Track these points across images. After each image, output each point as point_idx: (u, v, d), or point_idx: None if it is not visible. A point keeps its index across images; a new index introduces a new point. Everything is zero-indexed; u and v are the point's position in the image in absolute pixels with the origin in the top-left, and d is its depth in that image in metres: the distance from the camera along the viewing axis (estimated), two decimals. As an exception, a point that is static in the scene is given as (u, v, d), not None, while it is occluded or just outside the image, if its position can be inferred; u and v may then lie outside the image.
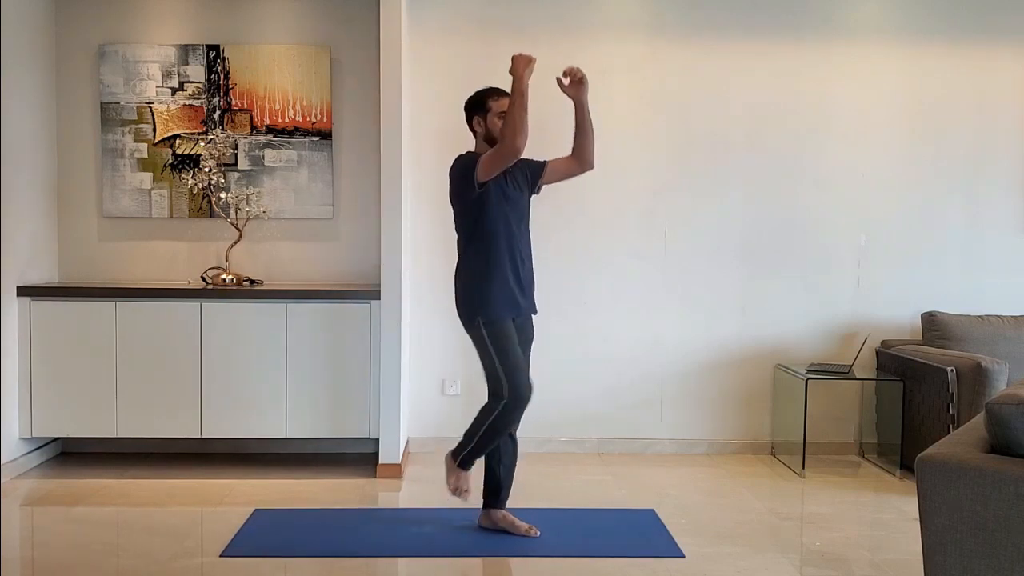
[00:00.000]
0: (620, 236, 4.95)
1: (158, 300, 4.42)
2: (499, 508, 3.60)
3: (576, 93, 3.50)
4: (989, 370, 4.18)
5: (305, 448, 4.82)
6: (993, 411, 2.25)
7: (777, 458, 4.89)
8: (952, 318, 4.75)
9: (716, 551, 3.43)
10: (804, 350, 5.00)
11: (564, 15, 4.87)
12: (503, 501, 3.61)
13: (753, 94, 4.93)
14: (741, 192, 4.95)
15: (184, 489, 4.18)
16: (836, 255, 4.99)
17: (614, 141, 4.83)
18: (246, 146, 4.81)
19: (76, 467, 4.53)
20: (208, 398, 4.41)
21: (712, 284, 4.97)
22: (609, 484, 4.37)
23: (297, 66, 4.79)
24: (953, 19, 4.94)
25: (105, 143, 4.78)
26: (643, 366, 4.96)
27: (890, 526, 3.82)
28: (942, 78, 4.97)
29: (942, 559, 2.21)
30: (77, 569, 3.19)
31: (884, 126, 4.98)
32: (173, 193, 4.80)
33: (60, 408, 4.40)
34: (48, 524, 3.71)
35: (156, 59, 4.77)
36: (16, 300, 4.37)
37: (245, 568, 3.22)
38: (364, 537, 3.55)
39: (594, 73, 4.82)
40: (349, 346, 4.43)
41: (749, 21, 4.90)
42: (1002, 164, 5.01)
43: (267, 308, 4.43)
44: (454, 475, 3.57)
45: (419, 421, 4.92)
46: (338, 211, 4.88)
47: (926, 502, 2.24)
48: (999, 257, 5.03)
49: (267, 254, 4.87)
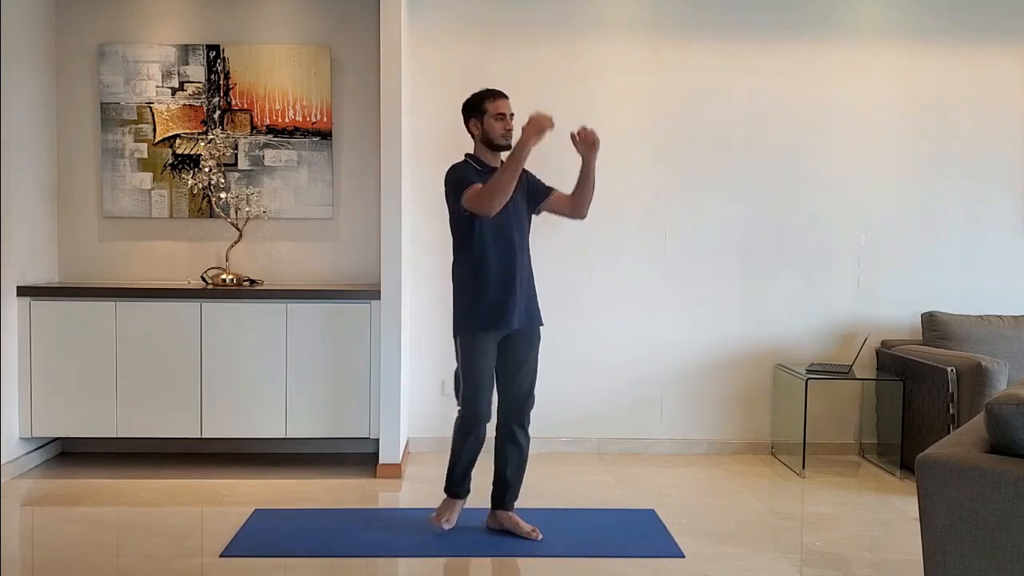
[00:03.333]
0: (620, 236, 4.94)
1: (158, 300, 4.42)
2: (505, 509, 3.59)
3: (586, 153, 3.44)
4: (989, 370, 4.18)
5: (305, 448, 4.82)
6: (993, 411, 2.25)
7: (777, 458, 4.89)
8: (952, 318, 4.75)
9: (716, 551, 3.43)
10: (804, 350, 5.00)
11: (564, 15, 4.87)
12: (509, 503, 3.60)
13: (753, 94, 4.93)
14: (741, 192, 4.95)
15: (184, 489, 4.18)
16: (836, 255, 5.00)
17: (614, 141, 4.83)
18: (246, 146, 4.81)
19: (76, 467, 4.53)
20: (208, 398, 4.41)
21: (712, 284, 4.97)
22: (609, 484, 4.37)
23: (297, 66, 4.79)
24: (953, 19, 4.94)
25: (105, 143, 4.78)
26: (643, 366, 4.96)
27: (890, 526, 3.82)
28: (942, 78, 4.97)
29: (942, 559, 2.21)
30: (77, 569, 3.19)
31: (884, 126, 4.98)
32: (173, 193, 4.80)
33: (60, 408, 4.40)
34: (48, 524, 3.71)
35: (156, 59, 4.77)
36: (16, 300, 4.37)
37: (245, 568, 3.22)
38: (364, 537, 3.55)
39: (594, 73, 4.88)
40: (349, 346, 4.43)
41: (749, 21, 4.90)
42: (1002, 164, 5.01)
43: (267, 308, 4.43)
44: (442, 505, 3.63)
45: (419, 421, 4.92)
46: (338, 211, 4.88)
47: (926, 502, 2.24)
48: (999, 257, 5.03)
49: (267, 254, 4.87)
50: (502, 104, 3.46)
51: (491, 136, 3.45)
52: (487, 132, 3.46)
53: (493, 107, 3.45)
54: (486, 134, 3.46)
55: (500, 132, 3.45)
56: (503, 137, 3.45)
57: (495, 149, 3.49)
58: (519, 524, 3.54)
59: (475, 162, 3.50)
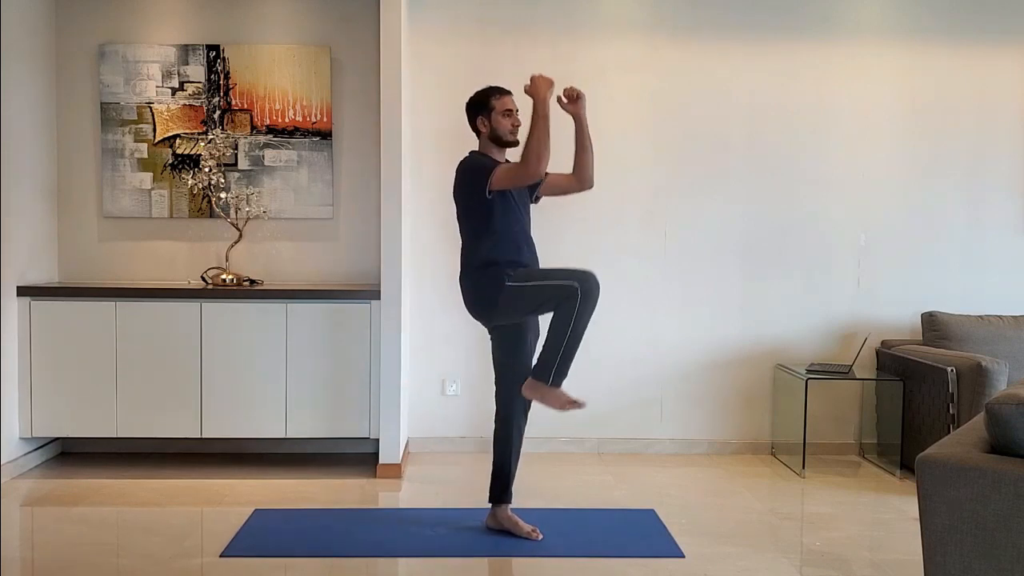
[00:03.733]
0: (620, 236, 4.94)
1: (158, 300, 4.42)
2: (509, 503, 3.57)
3: (575, 110, 3.49)
4: (989, 370, 4.18)
5: (305, 448, 4.82)
6: (993, 411, 2.25)
7: (777, 458, 4.89)
8: (952, 318, 4.75)
9: (716, 551, 3.43)
10: (804, 350, 5.00)
11: (564, 15, 4.87)
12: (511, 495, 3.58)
13: (753, 94, 4.93)
14: (741, 192, 4.95)
15: (184, 489, 4.18)
16: (836, 255, 4.99)
17: (614, 141, 4.83)
18: (246, 146, 4.81)
19: (76, 467, 4.53)
20: (208, 398, 4.41)
21: (712, 284, 4.97)
22: (609, 484, 4.37)
23: (297, 66, 4.79)
24: (953, 19, 4.94)
25: (105, 143, 4.78)
26: (643, 366, 4.96)
27: (890, 526, 3.82)
28: (942, 78, 4.97)
29: (942, 559, 2.21)
30: (77, 569, 3.19)
31: (884, 126, 4.98)
32: (173, 193, 4.80)
33: (60, 408, 4.40)
34: (48, 524, 3.71)
35: (156, 59, 4.77)
36: (16, 300, 4.37)
37: (245, 568, 3.22)
38: (364, 537, 3.55)
39: (594, 73, 4.87)
40: (349, 346, 4.43)
41: (749, 21, 4.90)
42: (1002, 164, 5.01)
43: (267, 308, 4.42)
44: (553, 395, 3.36)
45: (419, 421, 4.92)
46: (338, 211, 4.88)
47: (926, 502, 2.24)
48: (999, 257, 5.03)
49: (267, 254, 4.87)
50: (508, 100, 3.47)
51: (499, 132, 3.45)
52: (495, 129, 3.45)
53: (500, 104, 3.45)
54: (494, 131, 3.46)
55: (508, 128, 3.45)
56: (511, 133, 3.46)
57: (503, 145, 3.49)
58: (519, 524, 3.54)
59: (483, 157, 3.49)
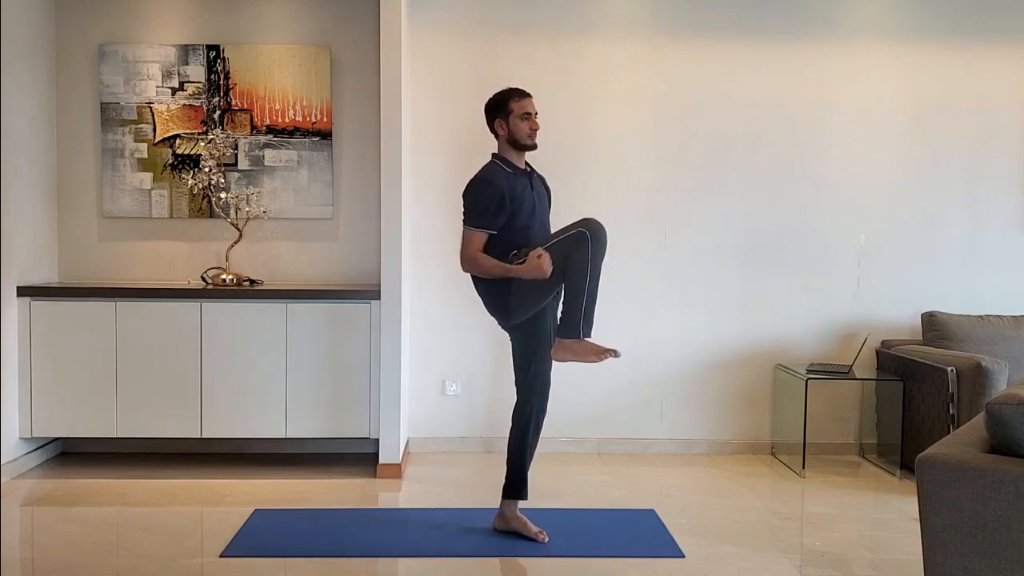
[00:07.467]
0: (620, 236, 4.92)
1: (158, 300, 4.42)
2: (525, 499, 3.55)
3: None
4: (989, 370, 4.18)
5: (305, 448, 4.82)
6: (993, 411, 2.25)
7: (777, 458, 4.89)
8: (952, 318, 4.75)
9: (716, 551, 3.43)
10: (804, 350, 5.00)
11: (564, 15, 4.87)
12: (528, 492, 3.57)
13: (753, 94, 4.93)
14: (741, 192, 4.95)
15: (184, 489, 4.18)
16: (836, 255, 4.99)
17: (614, 141, 4.83)
18: (246, 146, 4.81)
19: (76, 467, 4.53)
20: (208, 398, 4.41)
21: (712, 284, 4.97)
22: (609, 484, 4.37)
23: (297, 66, 4.79)
24: (953, 19, 4.94)
25: (105, 143, 4.78)
26: (643, 366, 4.96)
27: (890, 526, 3.82)
28: (942, 78, 4.97)
29: (942, 559, 2.21)
30: (77, 569, 3.19)
31: (884, 126, 4.98)
32: (173, 193, 4.80)
33: (60, 408, 4.40)
34: (48, 524, 3.71)
35: (156, 59, 4.77)
36: (16, 300, 4.37)
37: (245, 568, 3.22)
38: (364, 537, 3.55)
39: (594, 73, 4.87)
40: (349, 346, 4.43)
41: (749, 21, 4.90)
42: (1002, 164, 5.01)
43: (267, 308, 4.42)
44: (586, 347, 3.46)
45: (419, 421, 4.92)
46: (338, 211, 4.88)
47: (926, 502, 2.24)
48: (999, 257, 5.03)
49: (267, 254, 4.87)
50: (527, 103, 3.43)
51: (517, 136, 3.43)
52: (513, 132, 3.42)
53: (519, 107, 3.41)
54: (512, 134, 3.43)
55: (526, 132, 3.43)
56: (529, 137, 3.44)
57: (521, 149, 3.47)
58: (527, 525, 3.53)
59: (503, 163, 3.46)
